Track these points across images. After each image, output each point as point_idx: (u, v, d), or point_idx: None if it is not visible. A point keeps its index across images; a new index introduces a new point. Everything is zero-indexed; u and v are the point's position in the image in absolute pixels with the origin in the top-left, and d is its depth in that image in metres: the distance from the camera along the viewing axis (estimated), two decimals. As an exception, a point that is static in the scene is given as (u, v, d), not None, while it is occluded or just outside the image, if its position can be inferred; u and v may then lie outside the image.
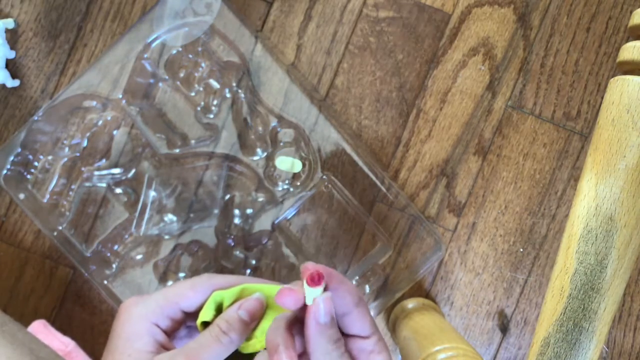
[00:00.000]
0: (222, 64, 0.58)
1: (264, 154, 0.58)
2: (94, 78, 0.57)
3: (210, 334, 0.37)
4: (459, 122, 0.60)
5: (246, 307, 0.38)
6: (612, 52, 0.59)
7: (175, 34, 0.57)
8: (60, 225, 0.57)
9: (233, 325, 0.38)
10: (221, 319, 0.38)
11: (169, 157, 0.58)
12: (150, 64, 0.57)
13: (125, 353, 0.37)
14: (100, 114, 0.58)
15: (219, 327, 0.37)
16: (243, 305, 0.39)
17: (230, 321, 0.38)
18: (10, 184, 0.56)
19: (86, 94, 0.57)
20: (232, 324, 0.38)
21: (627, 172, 0.35)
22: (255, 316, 0.39)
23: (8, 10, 0.60)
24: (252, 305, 0.39)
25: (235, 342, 0.38)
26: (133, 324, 0.38)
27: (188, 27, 0.57)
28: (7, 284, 0.61)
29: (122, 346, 0.38)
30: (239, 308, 0.38)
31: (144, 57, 0.57)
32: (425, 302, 0.59)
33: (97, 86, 0.57)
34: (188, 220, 0.58)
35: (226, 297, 0.39)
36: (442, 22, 0.60)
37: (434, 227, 0.60)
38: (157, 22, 0.56)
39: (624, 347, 0.60)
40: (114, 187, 0.58)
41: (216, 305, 0.40)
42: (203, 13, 0.57)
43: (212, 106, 0.58)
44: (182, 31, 0.57)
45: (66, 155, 0.57)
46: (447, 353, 0.47)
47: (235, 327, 0.38)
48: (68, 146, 0.58)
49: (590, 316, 0.36)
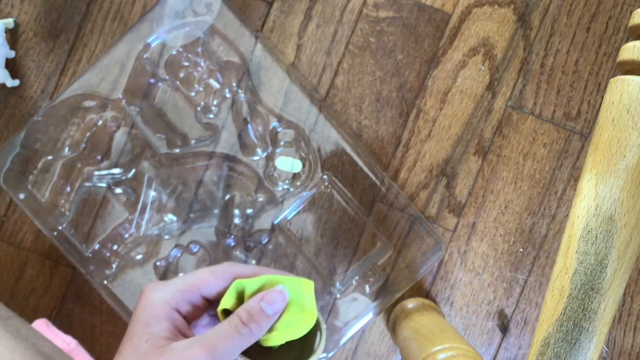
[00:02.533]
0: (222, 64, 0.58)
1: (264, 154, 0.58)
2: (93, 78, 0.57)
3: (229, 324, 0.36)
4: (459, 122, 0.60)
5: (269, 299, 0.37)
6: (612, 52, 0.59)
7: (175, 34, 0.57)
8: (60, 225, 0.57)
9: (254, 317, 0.37)
10: (242, 309, 0.37)
11: (169, 157, 0.58)
12: (150, 64, 0.57)
13: (143, 338, 0.36)
14: (100, 114, 0.58)
15: (239, 318, 0.37)
16: (266, 296, 0.38)
17: (251, 312, 0.37)
18: (10, 184, 0.56)
19: (86, 94, 0.57)
20: (254, 315, 0.37)
21: (627, 172, 0.35)
22: (278, 309, 0.38)
23: (8, 10, 0.60)
24: (275, 297, 0.38)
25: (255, 334, 0.37)
26: (153, 309, 0.37)
27: (188, 27, 0.57)
28: (7, 284, 0.61)
29: (140, 331, 0.36)
30: (262, 299, 0.37)
31: (144, 57, 0.57)
32: (425, 302, 0.59)
33: (97, 86, 0.57)
34: (188, 220, 0.58)
35: (248, 286, 0.39)
36: (442, 22, 0.60)
37: (434, 227, 0.60)
38: (157, 22, 0.56)
39: (624, 347, 0.60)
40: (114, 187, 0.58)
41: (237, 294, 0.39)
42: (203, 13, 0.57)
43: (212, 106, 0.58)
44: (182, 31, 0.57)
45: (66, 156, 0.57)
46: (447, 353, 0.47)
47: (256, 318, 0.37)
48: (68, 146, 0.57)
49: (590, 316, 0.36)
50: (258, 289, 0.39)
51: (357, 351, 0.61)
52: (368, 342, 0.61)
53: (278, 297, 0.38)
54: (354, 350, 0.61)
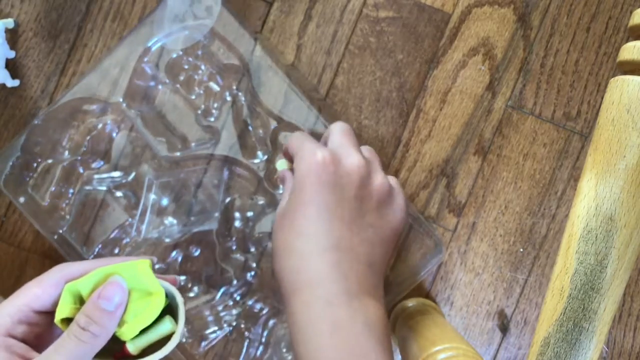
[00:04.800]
0: (222, 67, 0.58)
1: (265, 156, 0.58)
2: (93, 81, 0.57)
3: (67, 334, 0.34)
4: (459, 122, 0.60)
5: (105, 295, 0.35)
6: (612, 52, 0.59)
7: (176, 38, 0.57)
8: (60, 229, 0.57)
9: (94, 318, 0.34)
10: (80, 314, 0.35)
11: (169, 160, 0.58)
12: (151, 67, 0.57)
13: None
14: (100, 117, 0.58)
15: (77, 324, 0.34)
16: (102, 293, 0.35)
17: (90, 314, 0.34)
18: (10, 187, 0.56)
19: (86, 98, 0.57)
20: (93, 316, 0.34)
21: (627, 172, 0.35)
22: (119, 301, 0.35)
23: (8, 10, 0.60)
24: (113, 290, 0.35)
25: (100, 336, 0.34)
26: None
27: (188, 30, 0.57)
28: (7, 284, 0.61)
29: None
30: (99, 297, 0.35)
31: (144, 61, 0.57)
32: (425, 302, 0.59)
33: (97, 89, 0.57)
34: (188, 224, 0.58)
35: (81, 287, 0.36)
36: (442, 22, 0.60)
37: (434, 229, 0.60)
38: (158, 25, 0.56)
39: (624, 347, 0.60)
40: (114, 190, 0.58)
41: (74, 298, 0.36)
42: (203, 16, 0.57)
43: (213, 109, 0.58)
44: (182, 34, 0.57)
45: (66, 159, 0.57)
46: (447, 353, 0.47)
47: (96, 319, 0.34)
48: (68, 149, 0.57)
49: (590, 316, 0.36)
50: (94, 287, 0.36)
51: (357, 351, 0.61)
52: (368, 342, 0.61)
53: (116, 290, 0.35)
54: (354, 350, 0.61)
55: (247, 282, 0.58)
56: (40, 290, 0.36)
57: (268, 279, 0.59)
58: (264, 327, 0.59)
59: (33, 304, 0.36)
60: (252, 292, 0.59)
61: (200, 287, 0.58)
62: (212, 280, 0.58)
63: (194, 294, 0.58)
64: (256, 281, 0.59)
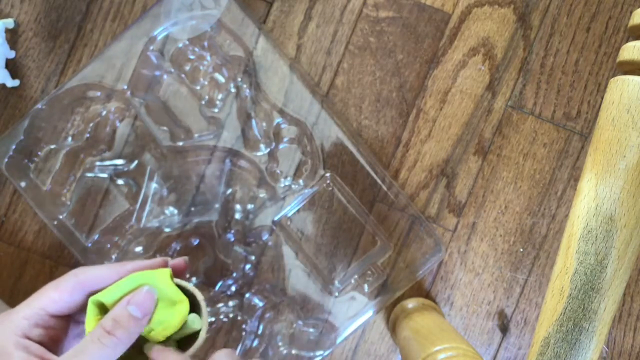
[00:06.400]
0: (227, 58, 0.58)
1: (267, 150, 0.58)
2: (98, 68, 0.57)
3: (91, 338, 0.34)
4: (459, 122, 0.60)
5: (136, 302, 0.35)
6: (612, 52, 0.59)
7: (182, 27, 0.57)
8: (60, 215, 0.57)
9: (121, 323, 0.35)
10: (107, 318, 0.35)
11: (171, 149, 0.58)
12: (156, 56, 0.57)
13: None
14: (104, 105, 0.58)
15: (102, 328, 0.34)
16: (133, 299, 0.36)
17: (117, 319, 0.35)
18: (12, 171, 0.57)
19: (90, 84, 0.57)
20: (120, 321, 0.35)
21: (627, 172, 0.35)
22: (148, 310, 0.36)
23: (8, 10, 0.60)
24: (143, 298, 0.36)
25: (123, 341, 0.35)
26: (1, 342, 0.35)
27: (195, 20, 0.57)
28: (7, 284, 0.61)
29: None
30: (128, 303, 0.35)
31: (150, 49, 0.57)
32: (425, 302, 0.59)
33: (102, 77, 0.57)
34: (189, 214, 0.58)
35: (105, 298, 0.36)
36: (442, 22, 0.60)
37: (434, 228, 0.60)
38: (166, 14, 0.56)
39: (624, 347, 0.60)
40: (115, 178, 0.58)
41: (98, 310, 0.36)
42: (211, 7, 0.57)
43: (217, 100, 0.58)
44: (188, 24, 0.57)
45: (69, 145, 0.58)
46: (447, 353, 0.47)
47: (124, 324, 0.35)
48: (71, 136, 0.58)
49: (590, 316, 0.36)
50: (118, 298, 0.37)
51: (357, 351, 0.61)
52: (368, 342, 0.61)
53: (146, 298, 0.36)
54: (353, 350, 0.61)
55: (245, 274, 0.59)
56: (57, 295, 0.36)
57: (267, 273, 0.59)
58: (260, 320, 0.59)
59: (49, 308, 0.36)
60: (249, 285, 0.59)
61: (199, 278, 0.58)
62: (211, 272, 0.58)
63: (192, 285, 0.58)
64: (254, 274, 0.59)
